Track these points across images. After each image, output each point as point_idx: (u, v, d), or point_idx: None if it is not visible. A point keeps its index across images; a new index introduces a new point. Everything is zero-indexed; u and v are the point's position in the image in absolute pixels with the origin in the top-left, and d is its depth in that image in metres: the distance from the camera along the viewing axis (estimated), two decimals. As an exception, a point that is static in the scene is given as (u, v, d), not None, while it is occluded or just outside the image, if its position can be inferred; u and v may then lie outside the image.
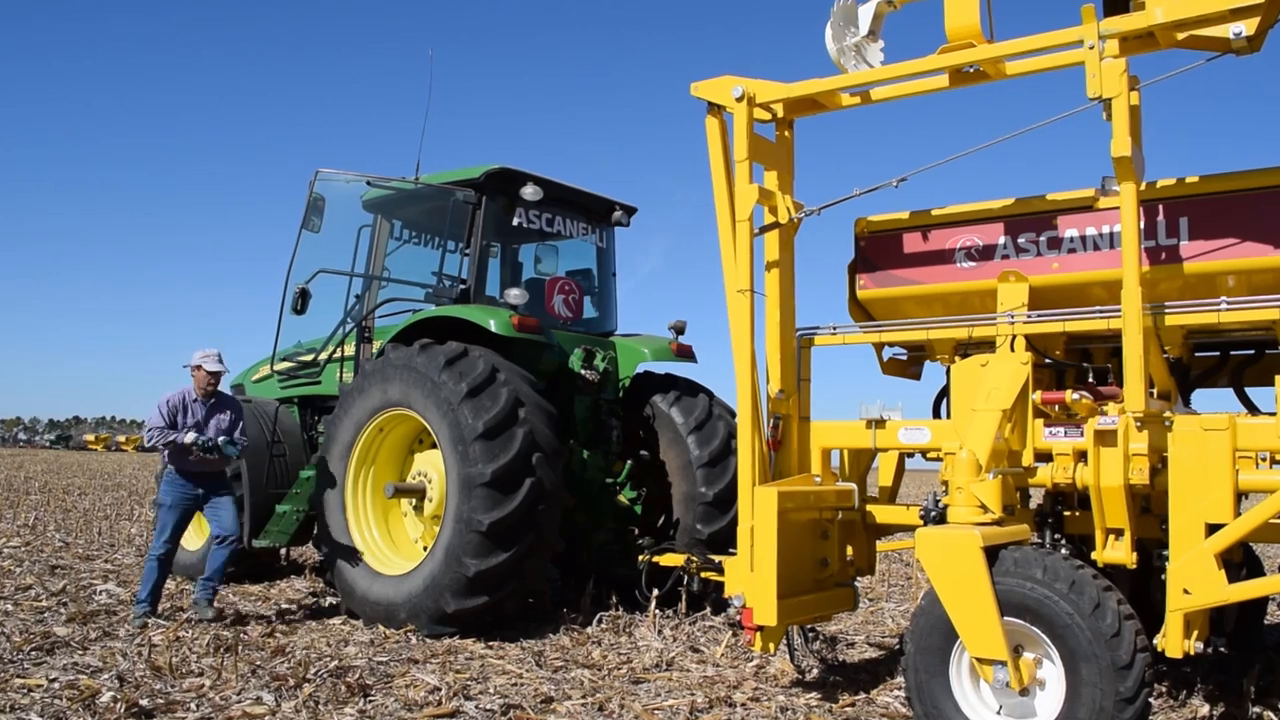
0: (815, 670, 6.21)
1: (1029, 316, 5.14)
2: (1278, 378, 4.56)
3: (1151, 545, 4.93)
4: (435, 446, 7.25)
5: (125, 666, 5.65)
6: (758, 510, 5.13)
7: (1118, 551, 4.72)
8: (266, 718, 4.90)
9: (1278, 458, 4.87)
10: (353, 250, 8.72)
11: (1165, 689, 5.60)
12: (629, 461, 8.39)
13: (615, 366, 8.55)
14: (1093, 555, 4.78)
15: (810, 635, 6.67)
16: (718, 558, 6.52)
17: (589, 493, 8.03)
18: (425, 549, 7.36)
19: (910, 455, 5.95)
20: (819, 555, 5.55)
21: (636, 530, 8.36)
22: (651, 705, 5.26)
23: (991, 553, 4.29)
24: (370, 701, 5.19)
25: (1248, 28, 4.40)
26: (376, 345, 8.39)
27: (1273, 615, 7.44)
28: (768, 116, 5.75)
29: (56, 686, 5.24)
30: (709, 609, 7.65)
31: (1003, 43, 4.95)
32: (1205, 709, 5.30)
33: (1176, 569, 4.32)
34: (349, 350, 8.67)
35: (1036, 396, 4.97)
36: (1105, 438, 4.66)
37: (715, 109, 5.63)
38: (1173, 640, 4.30)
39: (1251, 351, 5.32)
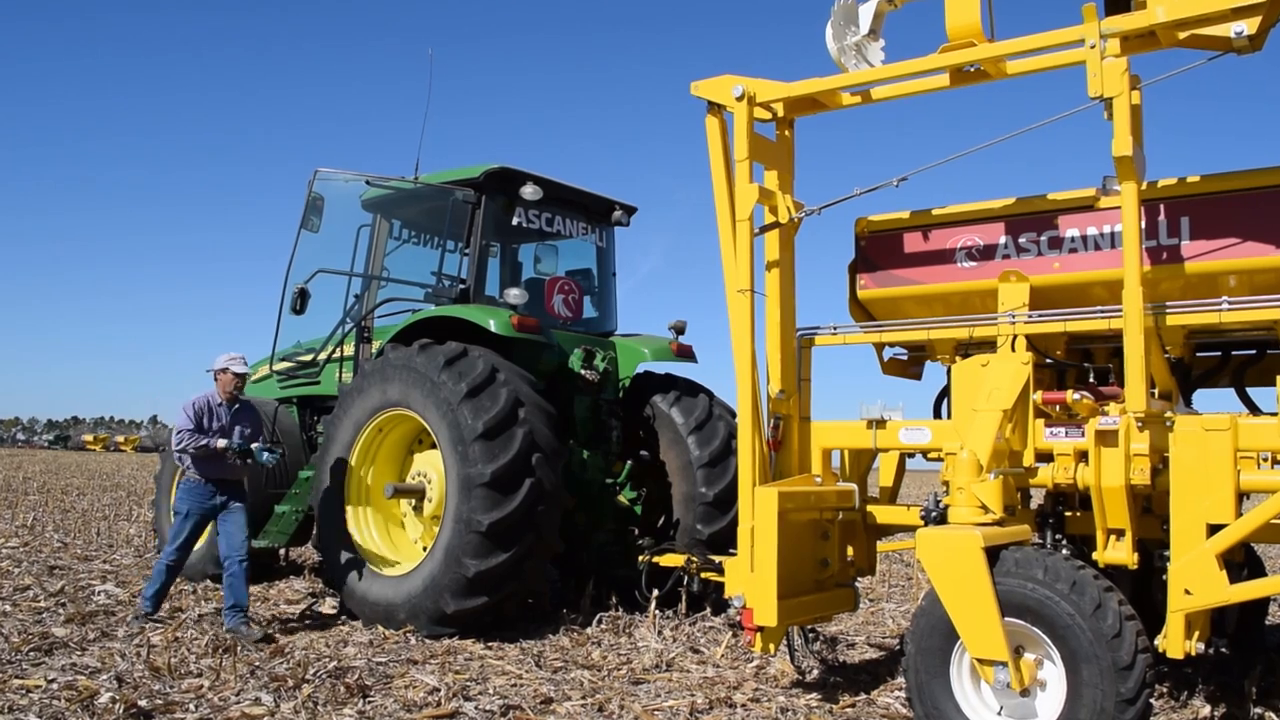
0: (815, 671, 6.20)
1: (1030, 316, 5.13)
2: (1279, 378, 4.55)
3: (1153, 546, 4.93)
4: (435, 447, 7.24)
5: (124, 667, 5.63)
6: (758, 511, 5.13)
7: (1119, 552, 4.71)
8: (265, 718, 4.89)
9: (1279, 458, 4.86)
10: (352, 250, 8.72)
11: (1166, 690, 5.59)
12: (629, 462, 8.38)
13: (615, 366, 8.54)
14: (1094, 556, 4.78)
15: (810, 636, 6.66)
16: (718, 558, 6.52)
17: (589, 493, 8.02)
18: (425, 549, 7.34)
19: (911, 455, 5.95)
20: (819, 556, 5.55)
21: (636, 531, 8.35)
22: (651, 706, 5.25)
23: (992, 553, 4.28)
24: (369, 702, 5.18)
25: (1249, 27, 4.40)
26: (376, 345, 8.38)
27: (1274, 616, 7.44)
28: (768, 116, 5.74)
29: (55, 687, 5.23)
30: (709, 609, 7.64)
31: (1003, 42, 4.95)
32: (1206, 710, 5.29)
33: (1178, 569, 4.31)
34: (348, 350, 8.66)
35: (1037, 397, 4.96)
36: (1106, 438, 4.65)
37: (715, 108, 5.62)
38: (1174, 641, 4.30)
39: (1253, 351, 5.32)
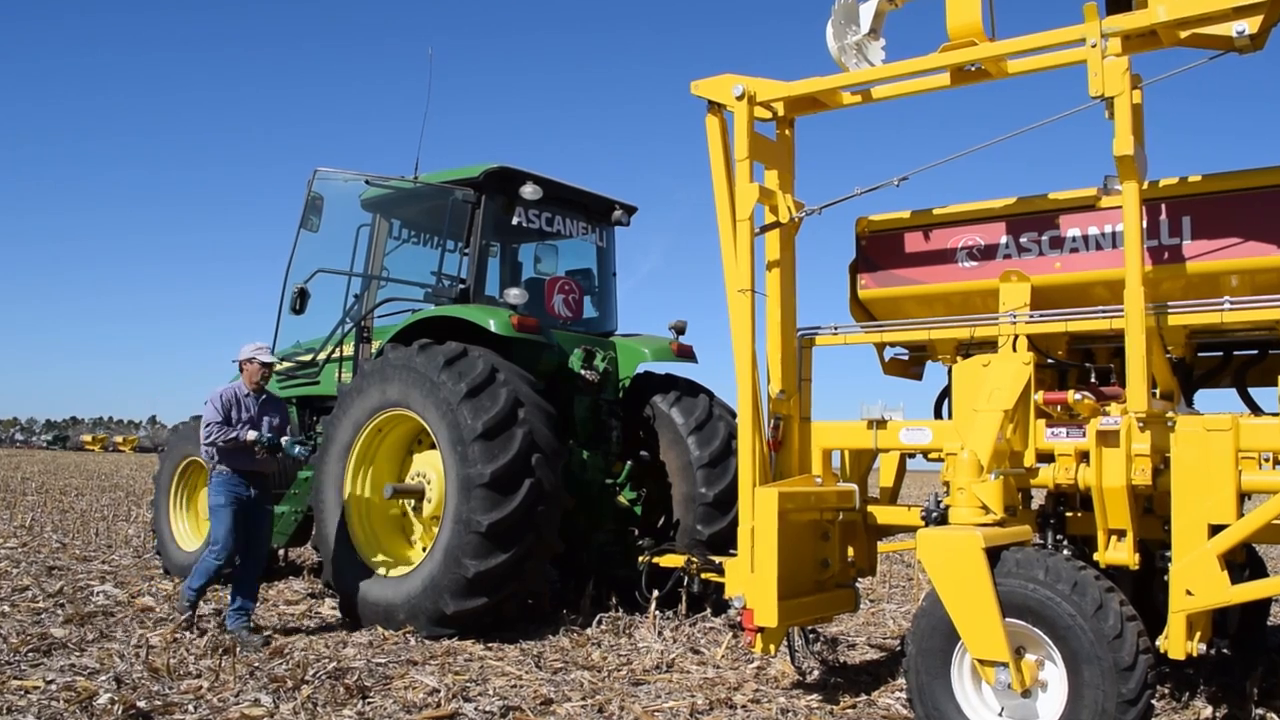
0: (816, 672, 6.19)
1: (1031, 316, 5.12)
2: (1280, 378, 4.55)
3: (1154, 546, 4.92)
4: (434, 447, 7.22)
5: (123, 668, 5.62)
6: (758, 511, 5.11)
7: (1120, 552, 4.70)
8: (264, 719, 4.87)
9: (1280, 458, 4.85)
10: (351, 250, 8.70)
11: (1168, 691, 5.58)
12: (629, 462, 8.37)
13: (615, 366, 8.53)
14: (1095, 556, 4.77)
15: (811, 637, 6.65)
16: (718, 559, 6.50)
17: (589, 493, 8.00)
18: (424, 550, 7.33)
19: (912, 456, 5.94)
20: (820, 556, 5.54)
21: (636, 531, 8.34)
22: (651, 707, 5.24)
23: (993, 554, 4.27)
24: (369, 703, 5.17)
25: (1250, 26, 4.39)
26: (375, 345, 8.37)
27: (1276, 617, 7.42)
28: (768, 115, 5.73)
29: (54, 688, 5.22)
30: (709, 610, 7.62)
31: (1004, 41, 4.94)
32: (1208, 711, 5.28)
33: (1179, 570, 4.30)
34: (348, 350, 8.64)
35: (1038, 397, 4.95)
36: (1107, 438, 4.64)
37: (716, 107, 5.61)
38: (1175, 642, 4.29)
39: (1255, 351, 5.31)
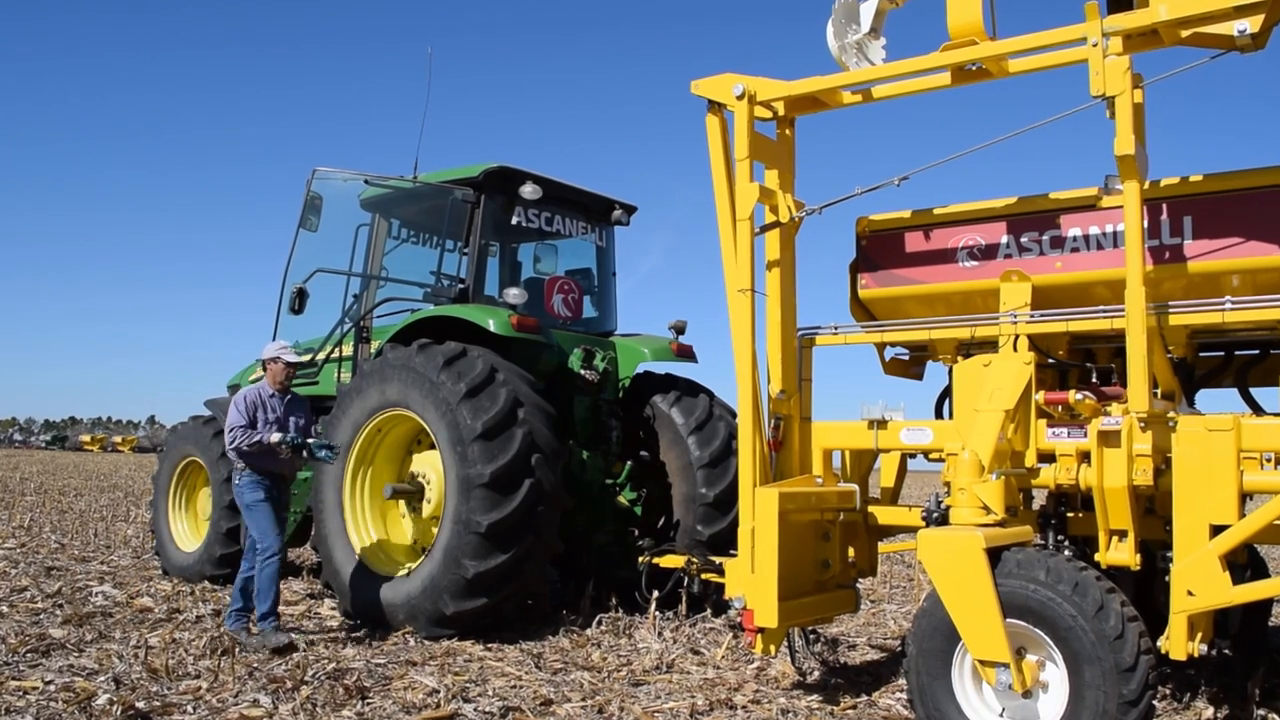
0: (816, 672, 6.18)
1: (1032, 316, 5.11)
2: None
3: (1155, 547, 4.91)
4: (434, 447, 7.21)
5: (122, 669, 5.61)
6: (759, 511, 5.10)
7: (1121, 553, 4.69)
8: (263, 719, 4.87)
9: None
10: (350, 249, 8.68)
11: (1169, 691, 5.57)
12: (629, 462, 8.36)
13: (615, 366, 8.52)
14: (1096, 557, 4.76)
15: (811, 637, 6.64)
16: (718, 559, 6.49)
17: (589, 494, 7.99)
18: (423, 550, 7.32)
19: (912, 456, 5.93)
20: (820, 557, 5.53)
21: (636, 531, 8.32)
22: (651, 708, 5.23)
23: (994, 554, 4.26)
24: (368, 704, 5.16)
25: (1252, 25, 4.39)
26: (374, 345, 8.36)
27: (1277, 617, 7.41)
28: (769, 114, 5.72)
29: (52, 689, 5.21)
30: (709, 611, 7.61)
31: (1005, 40, 4.93)
32: (1209, 712, 5.27)
33: (1180, 571, 4.29)
34: (347, 350, 8.63)
35: (1039, 397, 4.94)
36: (1109, 438, 4.63)
37: (716, 107, 5.60)
38: (1176, 642, 4.28)
39: (1256, 351, 5.30)
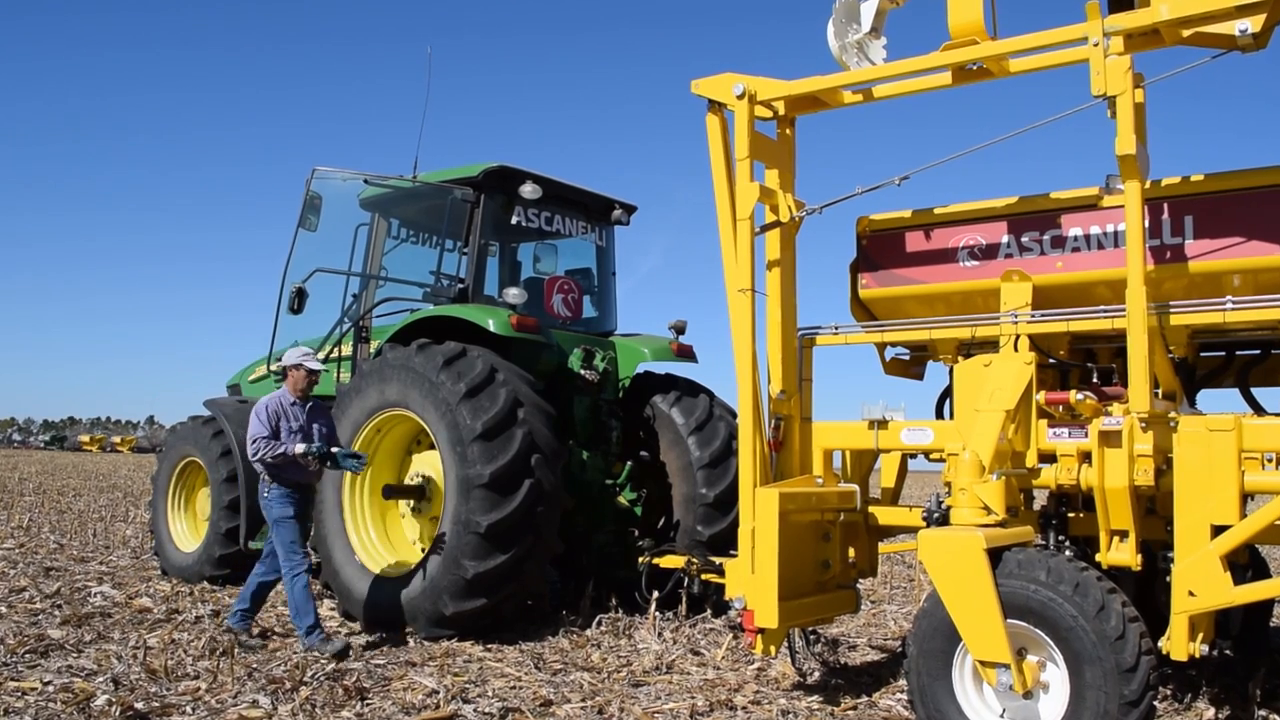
0: (817, 673, 6.17)
1: (1032, 316, 5.11)
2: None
3: (1156, 547, 4.90)
4: (433, 447, 7.20)
5: (120, 669, 5.60)
6: (759, 512, 5.10)
7: (1122, 553, 4.68)
8: (262, 721, 4.86)
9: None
10: (350, 249, 8.67)
11: (1170, 692, 5.56)
12: (629, 462, 8.35)
13: (615, 366, 8.51)
14: (1097, 557, 4.75)
15: (812, 638, 6.63)
16: (718, 559, 6.48)
17: (588, 494, 7.98)
18: (423, 551, 7.31)
19: (913, 456, 5.92)
20: (820, 557, 5.52)
21: (636, 532, 8.31)
22: (651, 708, 5.22)
23: (995, 554, 4.26)
24: (368, 704, 5.15)
25: (1254, 24, 4.38)
26: (374, 345, 8.35)
27: (1279, 618, 7.40)
28: (769, 114, 5.71)
29: (51, 690, 5.20)
30: (709, 611, 7.61)
31: (1006, 40, 4.92)
32: (1210, 712, 5.26)
33: (1182, 571, 4.29)
34: (346, 350, 8.62)
35: (1040, 397, 4.94)
36: (1110, 438, 4.62)
37: (716, 106, 5.59)
38: (1177, 643, 4.27)
39: (1257, 351, 5.29)
